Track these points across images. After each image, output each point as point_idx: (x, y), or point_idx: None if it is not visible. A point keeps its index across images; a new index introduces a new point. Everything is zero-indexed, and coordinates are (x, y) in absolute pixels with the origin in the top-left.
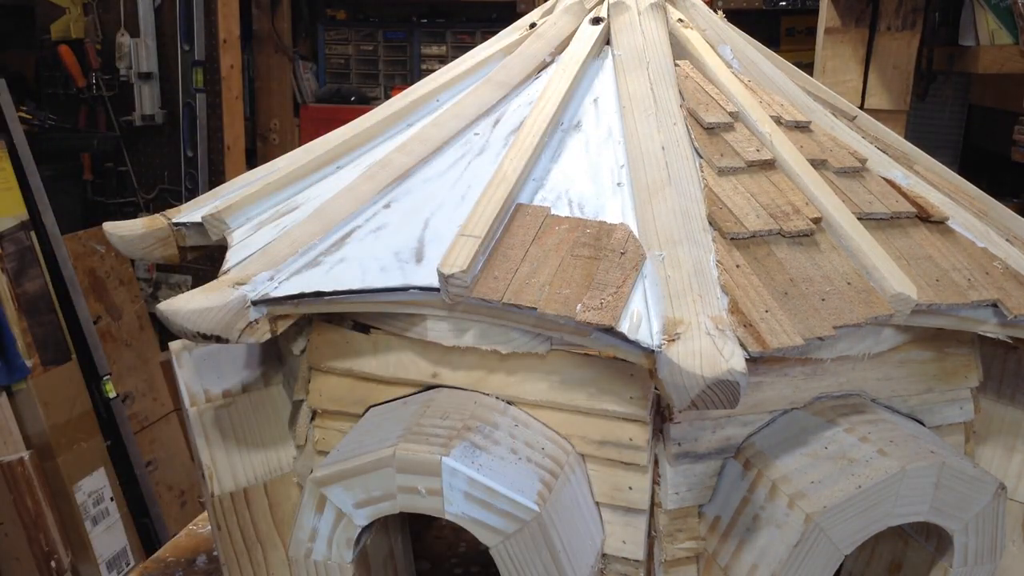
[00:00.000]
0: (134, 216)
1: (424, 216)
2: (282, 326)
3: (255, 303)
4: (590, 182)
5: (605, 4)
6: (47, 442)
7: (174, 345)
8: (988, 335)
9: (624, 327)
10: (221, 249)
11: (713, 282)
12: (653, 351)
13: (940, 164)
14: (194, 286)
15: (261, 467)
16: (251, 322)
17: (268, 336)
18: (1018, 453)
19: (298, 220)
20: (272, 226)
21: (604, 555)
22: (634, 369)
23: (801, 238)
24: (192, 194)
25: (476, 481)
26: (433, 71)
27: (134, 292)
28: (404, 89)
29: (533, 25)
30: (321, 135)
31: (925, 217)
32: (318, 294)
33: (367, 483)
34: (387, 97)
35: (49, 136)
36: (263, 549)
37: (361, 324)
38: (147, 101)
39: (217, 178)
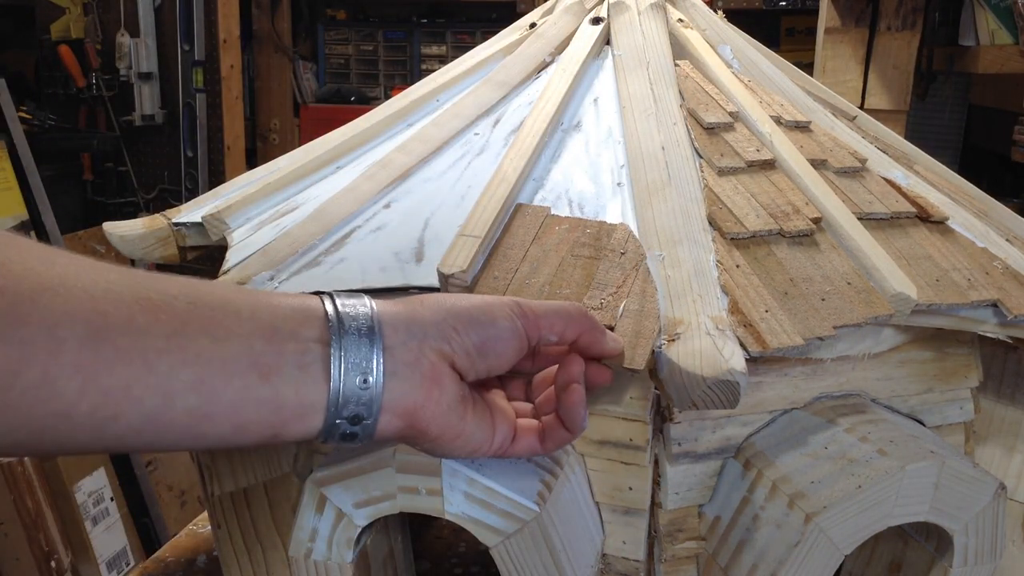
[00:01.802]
0: (134, 216)
1: (424, 216)
2: None
3: None
4: (590, 182)
5: (605, 4)
6: None
7: None
8: (988, 335)
9: None
10: (221, 249)
11: (713, 282)
12: (653, 351)
13: (940, 164)
14: None
15: (261, 467)
16: None
17: None
18: (1018, 453)
19: (298, 220)
20: (272, 226)
21: (604, 555)
22: None
23: (801, 238)
24: (192, 194)
25: (476, 481)
26: (433, 71)
27: None
28: (404, 89)
29: (533, 25)
30: (321, 135)
31: (925, 217)
32: (318, 294)
33: (367, 483)
34: (387, 97)
35: (49, 136)
36: (263, 549)
37: None
38: (147, 101)
39: (217, 178)
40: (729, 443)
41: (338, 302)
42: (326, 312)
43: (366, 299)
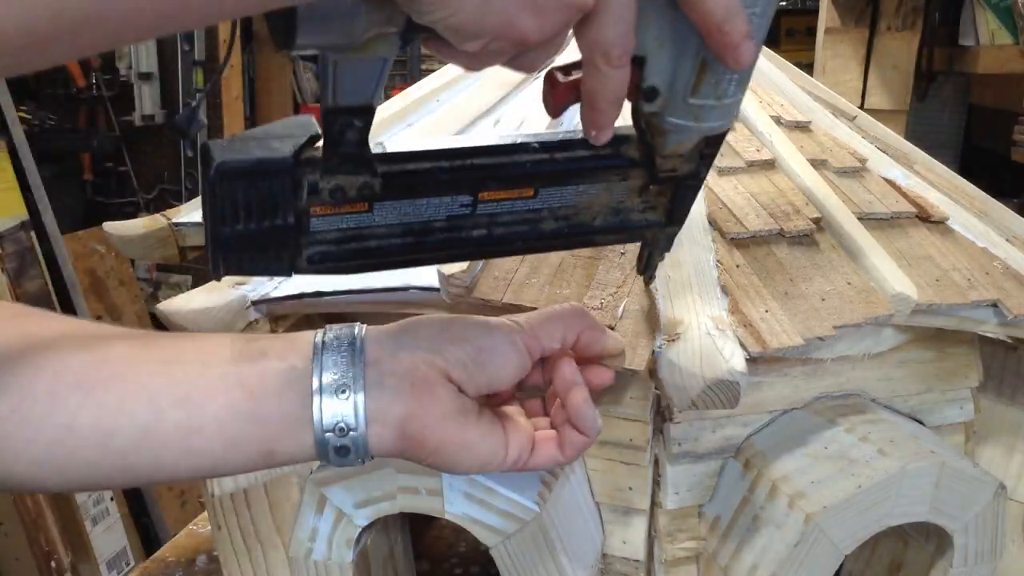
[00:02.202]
0: (134, 216)
1: None
2: (282, 326)
3: (255, 303)
4: None
5: None
6: None
7: None
8: (988, 335)
9: None
10: None
11: (713, 282)
12: (653, 351)
13: (940, 164)
14: (194, 286)
15: None
16: (251, 322)
17: None
18: (1018, 453)
19: None
20: None
21: (604, 555)
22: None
23: (801, 238)
24: (192, 194)
25: (476, 481)
26: (433, 71)
27: (134, 292)
28: (404, 89)
29: None
30: None
31: (925, 217)
32: (318, 294)
33: (367, 483)
34: (387, 97)
35: (49, 136)
36: (263, 549)
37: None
38: (147, 101)
39: None
40: (729, 443)
41: (328, 330)
42: (314, 340)
43: (358, 325)
